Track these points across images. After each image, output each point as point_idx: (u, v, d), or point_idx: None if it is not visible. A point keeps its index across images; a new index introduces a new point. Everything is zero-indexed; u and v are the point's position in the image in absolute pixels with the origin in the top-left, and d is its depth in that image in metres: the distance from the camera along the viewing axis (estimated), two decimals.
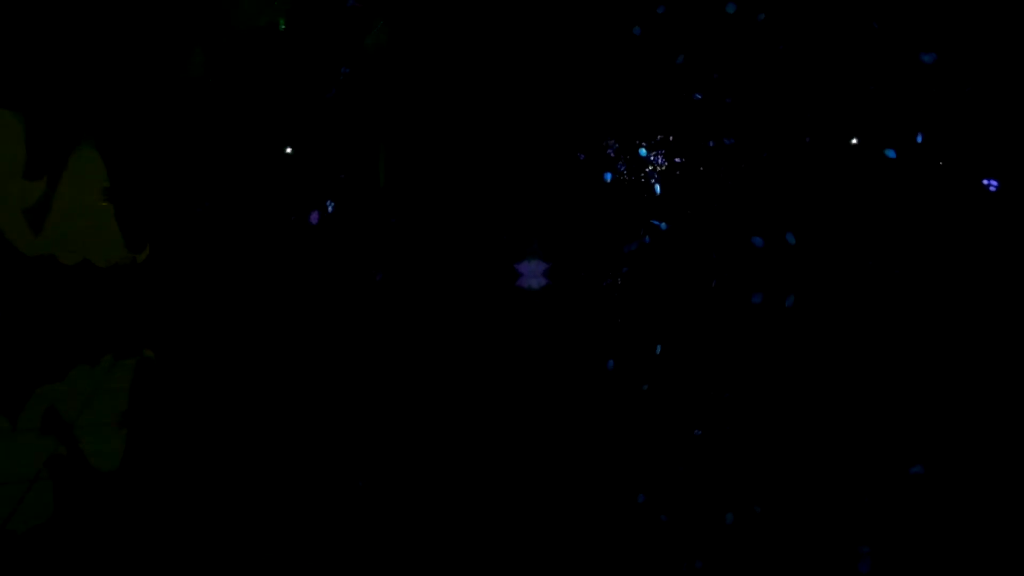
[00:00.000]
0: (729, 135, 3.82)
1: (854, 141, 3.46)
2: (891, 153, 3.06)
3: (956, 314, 3.83)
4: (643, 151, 3.61)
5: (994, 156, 4.03)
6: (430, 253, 3.25)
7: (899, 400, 2.69)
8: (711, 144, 3.57)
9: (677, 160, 3.60)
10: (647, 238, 3.56)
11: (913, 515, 1.58)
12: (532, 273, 3.33)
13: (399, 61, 3.21)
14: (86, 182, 3.28)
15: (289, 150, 3.08)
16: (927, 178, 3.80)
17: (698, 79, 3.70)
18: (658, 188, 3.62)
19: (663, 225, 3.57)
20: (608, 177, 3.46)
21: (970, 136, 3.77)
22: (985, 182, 4.23)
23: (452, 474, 1.84)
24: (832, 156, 3.68)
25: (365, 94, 3.17)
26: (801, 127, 3.67)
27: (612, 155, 3.40)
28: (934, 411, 2.53)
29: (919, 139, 3.57)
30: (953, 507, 1.62)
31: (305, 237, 3.15)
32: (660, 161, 3.42)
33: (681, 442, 2.18)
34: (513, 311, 3.65)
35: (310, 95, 3.13)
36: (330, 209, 3.15)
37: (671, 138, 3.67)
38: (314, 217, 3.14)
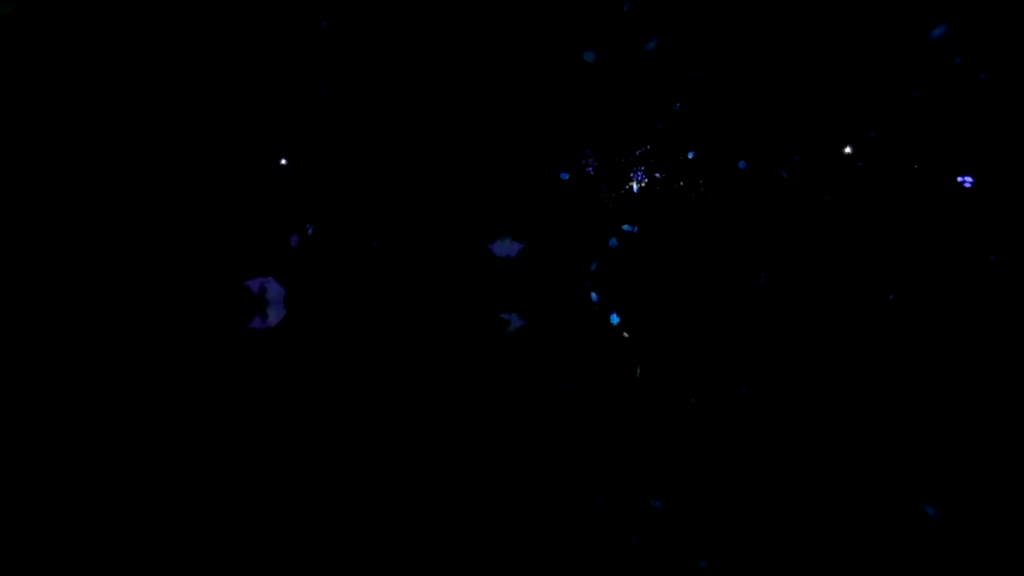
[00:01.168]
0: (708, 138, 3.82)
1: (848, 150, 3.46)
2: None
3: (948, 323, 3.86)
4: (617, 152, 3.60)
5: (983, 149, 4.03)
6: (413, 273, 3.24)
7: (886, 408, 2.70)
8: (690, 156, 3.57)
9: (657, 172, 3.59)
10: (614, 243, 3.54)
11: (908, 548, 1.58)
12: (505, 252, 3.32)
13: (375, 80, 3.18)
14: None
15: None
16: (934, 183, 3.81)
17: (675, 78, 3.69)
18: (635, 187, 3.61)
19: (635, 229, 3.55)
20: (565, 176, 3.45)
21: (979, 128, 3.73)
22: (960, 179, 4.26)
23: (428, 491, 1.84)
24: (822, 163, 3.68)
25: (341, 113, 3.14)
26: (787, 128, 3.67)
27: (591, 171, 3.38)
28: (926, 418, 2.54)
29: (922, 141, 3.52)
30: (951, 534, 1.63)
31: (286, 261, 3.12)
32: (640, 177, 3.41)
33: (659, 455, 2.18)
34: (494, 336, 3.64)
35: (286, 116, 3.10)
36: (309, 232, 3.12)
37: (648, 146, 3.67)
38: (294, 240, 3.12)
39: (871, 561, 1.45)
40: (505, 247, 3.30)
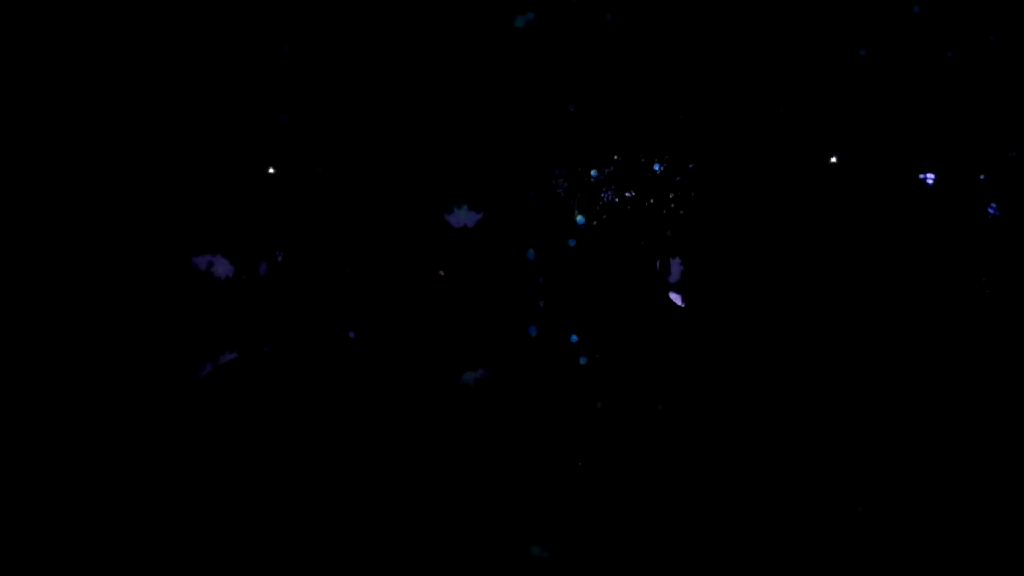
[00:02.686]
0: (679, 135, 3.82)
1: (834, 159, 3.47)
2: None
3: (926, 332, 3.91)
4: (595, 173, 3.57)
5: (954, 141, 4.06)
6: (391, 300, 3.19)
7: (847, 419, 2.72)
8: (658, 168, 3.57)
9: (626, 186, 3.58)
10: (572, 242, 3.45)
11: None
12: (462, 222, 3.15)
13: (338, 102, 3.12)
14: None
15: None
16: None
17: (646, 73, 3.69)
18: (595, 172, 3.53)
19: (581, 219, 3.41)
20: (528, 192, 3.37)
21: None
22: (922, 176, 4.33)
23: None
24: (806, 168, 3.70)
25: (306, 138, 3.08)
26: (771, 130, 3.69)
27: (561, 192, 3.34)
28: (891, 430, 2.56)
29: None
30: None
31: (257, 290, 3.05)
32: (609, 196, 3.37)
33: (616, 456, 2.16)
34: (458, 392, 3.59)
35: (249, 141, 3.03)
36: (279, 258, 3.05)
37: (616, 157, 3.66)
38: (263, 268, 3.04)
39: None
40: (462, 216, 3.11)
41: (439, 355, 3.27)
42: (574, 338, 3.42)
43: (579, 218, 3.37)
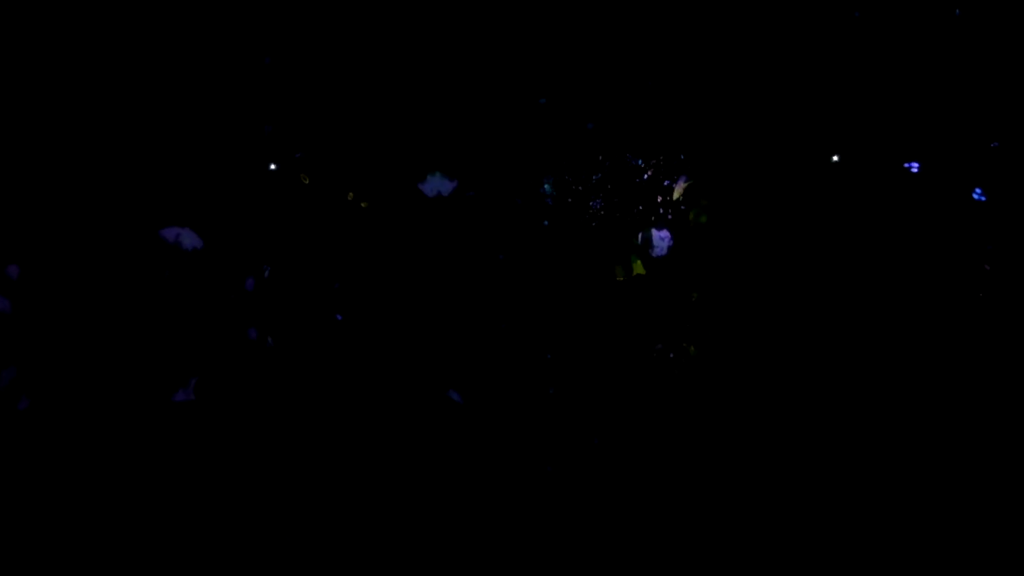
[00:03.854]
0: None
1: (835, 158, 3.46)
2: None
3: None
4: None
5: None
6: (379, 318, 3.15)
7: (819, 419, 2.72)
8: (640, 162, 3.55)
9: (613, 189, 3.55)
10: (546, 222, 3.33)
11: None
12: (436, 191, 3.03)
13: (320, 114, 3.07)
14: None
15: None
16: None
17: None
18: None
19: (547, 187, 3.24)
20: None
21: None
22: (907, 164, 4.35)
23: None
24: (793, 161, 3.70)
25: (289, 148, 3.02)
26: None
27: (550, 201, 3.29)
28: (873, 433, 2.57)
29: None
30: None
31: (242, 307, 2.99)
32: (596, 204, 3.32)
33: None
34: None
35: (234, 152, 2.97)
36: (266, 274, 2.99)
37: (594, 164, 3.63)
38: (249, 283, 2.98)
39: None
40: (436, 184, 2.96)
41: (419, 366, 3.23)
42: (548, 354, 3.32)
43: (546, 186, 3.20)
